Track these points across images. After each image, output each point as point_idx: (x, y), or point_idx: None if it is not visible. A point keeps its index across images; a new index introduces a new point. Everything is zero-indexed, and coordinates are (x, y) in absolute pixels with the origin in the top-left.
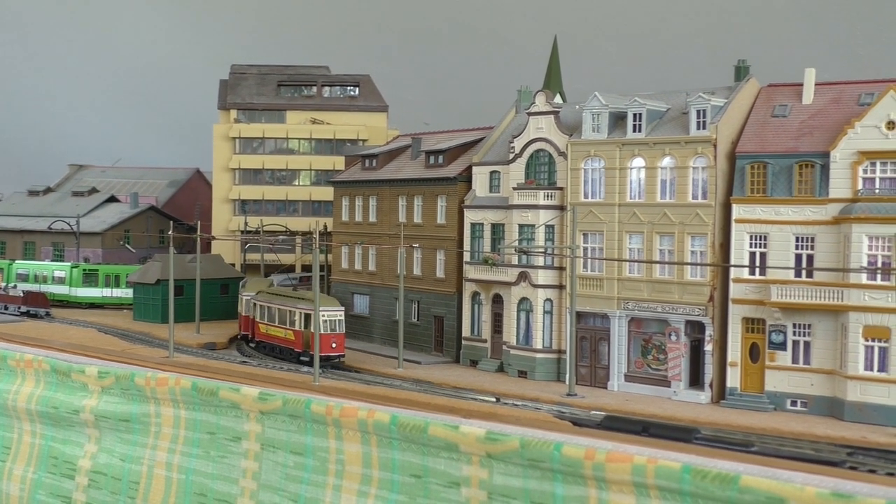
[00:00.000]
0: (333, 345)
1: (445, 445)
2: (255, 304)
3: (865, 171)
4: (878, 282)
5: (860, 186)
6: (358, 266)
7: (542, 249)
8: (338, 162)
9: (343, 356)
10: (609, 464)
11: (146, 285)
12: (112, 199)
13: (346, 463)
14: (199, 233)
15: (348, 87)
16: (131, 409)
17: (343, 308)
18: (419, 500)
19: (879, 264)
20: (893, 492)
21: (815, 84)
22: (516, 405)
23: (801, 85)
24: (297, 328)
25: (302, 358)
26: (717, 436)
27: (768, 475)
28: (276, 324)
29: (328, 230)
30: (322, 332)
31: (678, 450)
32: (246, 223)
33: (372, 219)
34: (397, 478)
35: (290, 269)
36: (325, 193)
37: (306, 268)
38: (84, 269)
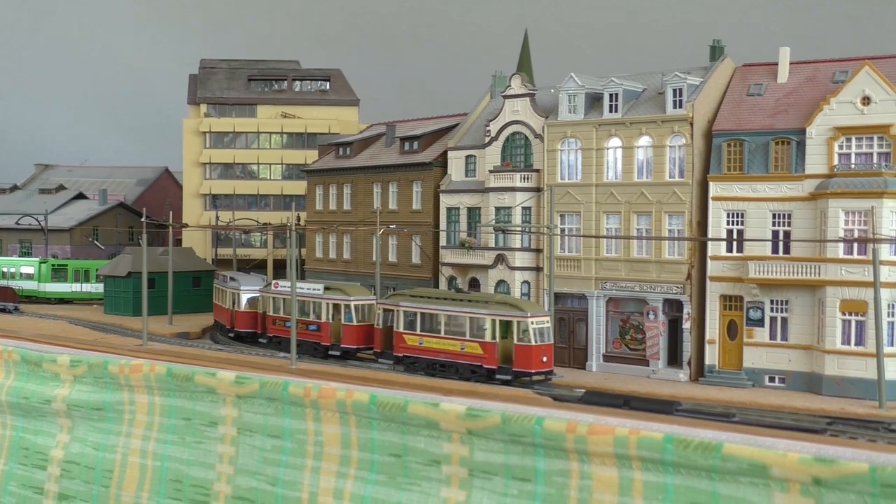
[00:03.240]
0: (544, 358)
1: (425, 423)
2: (400, 312)
3: (841, 147)
4: (855, 256)
5: (836, 162)
6: (332, 255)
7: (518, 228)
8: (310, 156)
9: (552, 372)
10: (591, 436)
11: (117, 278)
12: (80, 197)
13: (325, 444)
14: (171, 222)
15: (319, 82)
16: (105, 398)
17: (549, 314)
18: (399, 480)
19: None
20: (876, 455)
21: (790, 63)
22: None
23: (776, 64)
24: (486, 340)
25: (499, 376)
26: (698, 408)
27: (750, 443)
28: (446, 335)
29: (300, 221)
30: (532, 342)
31: (660, 421)
32: (217, 218)
33: (346, 207)
34: (377, 458)
35: (262, 263)
36: (297, 187)
37: (279, 263)
38: (53, 265)
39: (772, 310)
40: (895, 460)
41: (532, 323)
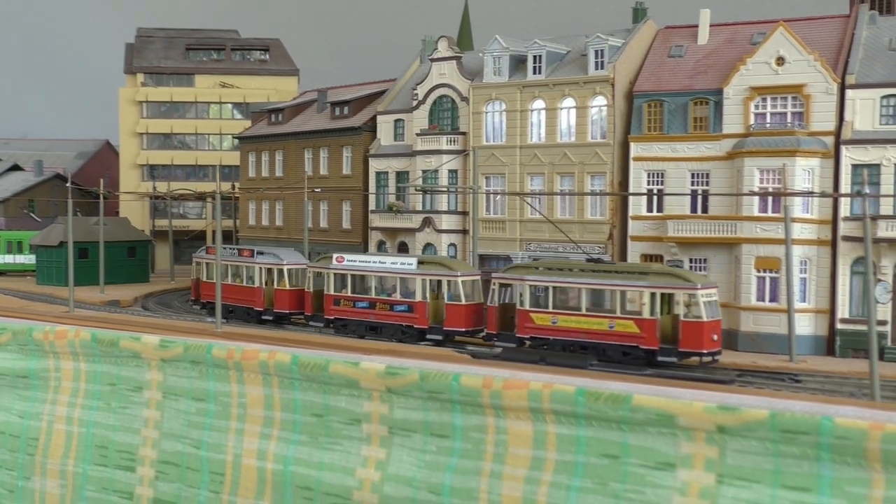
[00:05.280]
0: (714, 336)
1: (346, 382)
2: (525, 287)
3: (757, 107)
4: (769, 214)
5: (752, 121)
6: (265, 222)
7: (440, 189)
8: (249, 126)
9: (720, 352)
10: (506, 391)
11: (49, 248)
12: (15, 168)
13: (248, 406)
14: (101, 190)
15: (258, 51)
16: (29, 365)
17: (716, 285)
18: (321, 440)
19: (770, 199)
20: (775, 402)
21: (710, 25)
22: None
23: (697, 26)
24: (644, 316)
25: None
26: (613, 363)
27: (658, 393)
28: (589, 312)
29: (236, 189)
30: (703, 318)
31: (573, 374)
32: (154, 188)
33: (278, 173)
34: (299, 418)
35: (200, 235)
36: (237, 158)
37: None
38: None
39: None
40: (793, 406)
41: (702, 295)
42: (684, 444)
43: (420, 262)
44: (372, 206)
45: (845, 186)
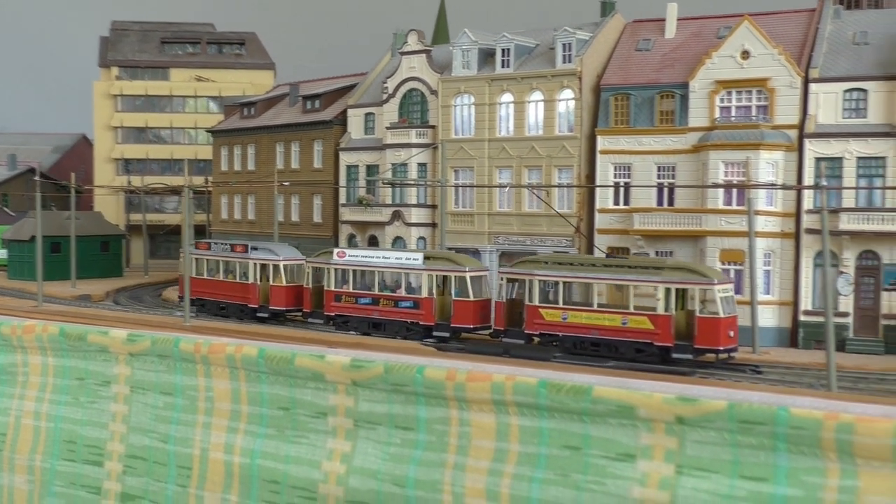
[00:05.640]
0: (731, 332)
1: (312, 376)
2: (534, 282)
3: (722, 100)
4: (734, 207)
5: (717, 115)
6: (238, 216)
7: (411, 182)
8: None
9: (736, 349)
10: (469, 383)
11: (20, 242)
12: None
13: (216, 400)
14: (73, 184)
15: (234, 45)
16: None
17: (734, 280)
18: (287, 433)
19: (734, 192)
20: (733, 393)
21: (678, 19)
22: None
23: (664, 20)
24: (658, 312)
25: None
26: (577, 355)
27: (619, 385)
28: (601, 308)
29: (209, 183)
30: (720, 314)
31: (536, 367)
32: (129, 182)
33: (250, 167)
34: (266, 411)
35: (176, 229)
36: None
37: (198, 227)
38: None
39: None
40: (751, 397)
41: (718, 291)
42: (644, 435)
43: (426, 258)
44: (342, 199)
45: (808, 179)
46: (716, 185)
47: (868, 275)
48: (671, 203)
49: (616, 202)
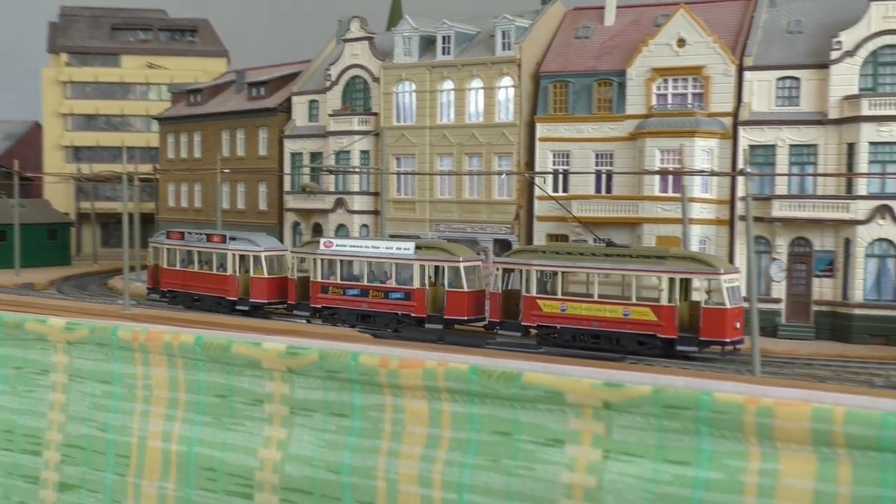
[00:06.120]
0: (737, 324)
1: (248, 363)
2: (531, 272)
3: (658, 88)
4: (669, 194)
5: (654, 102)
6: (185, 203)
7: (351, 169)
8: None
9: (742, 340)
10: (402, 370)
11: None
12: None
13: (154, 388)
14: (16, 171)
15: (186, 32)
16: None
17: (738, 270)
18: (224, 420)
19: (670, 179)
20: (659, 378)
21: (617, 7)
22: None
23: (604, 8)
24: (662, 303)
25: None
26: (508, 341)
27: (548, 371)
28: (602, 299)
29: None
30: (726, 305)
31: (467, 353)
32: (79, 170)
33: (197, 154)
34: (203, 399)
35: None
36: None
37: (146, 216)
38: None
39: None
40: (676, 382)
41: (725, 281)
42: (573, 420)
43: (418, 247)
44: (287, 187)
45: (748, 167)
46: (645, 172)
47: (800, 261)
48: (609, 190)
49: (555, 189)
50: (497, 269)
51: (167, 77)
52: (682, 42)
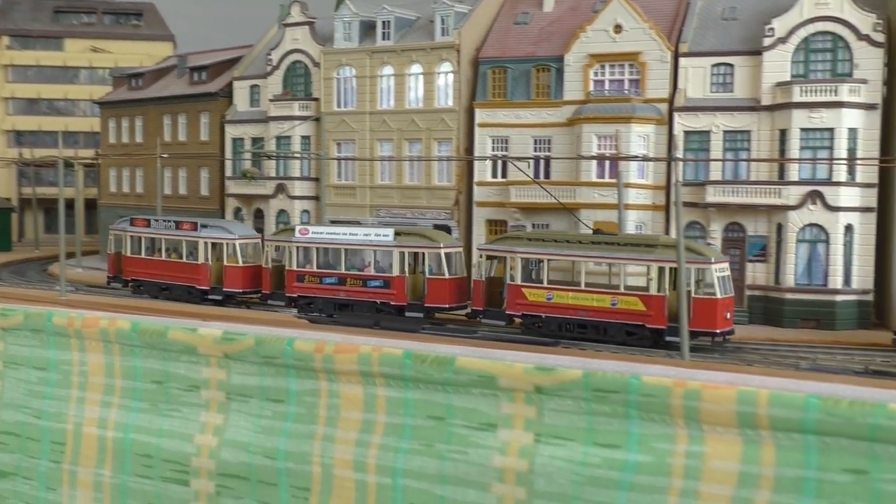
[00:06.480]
0: (727, 314)
1: (185, 349)
2: (517, 260)
3: (596, 74)
4: (606, 179)
5: (591, 88)
6: (126, 189)
7: (293, 154)
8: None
9: (732, 331)
10: (337, 355)
11: None
12: None
13: (90, 374)
14: None
15: (131, 16)
16: None
17: (728, 258)
18: (161, 406)
19: (607, 165)
20: (589, 362)
21: None
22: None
23: None
24: (651, 293)
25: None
26: (446, 326)
27: (481, 355)
28: (589, 288)
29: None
30: (717, 295)
31: (402, 338)
32: (21, 155)
33: (139, 139)
34: (139, 385)
35: (70, 202)
36: None
37: (90, 201)
38: None
39: None
40: (605, 366)
41: (716, 270)
42: (505, 404)
43: (398, 234)
44: (228, 172)
45: (678, 153)
46: (579, 157)
47: (734, 246)
48: (547, 176)
49: (494, 175)
50: (481, 256)
51: (112, 61)
52: (618, 28)
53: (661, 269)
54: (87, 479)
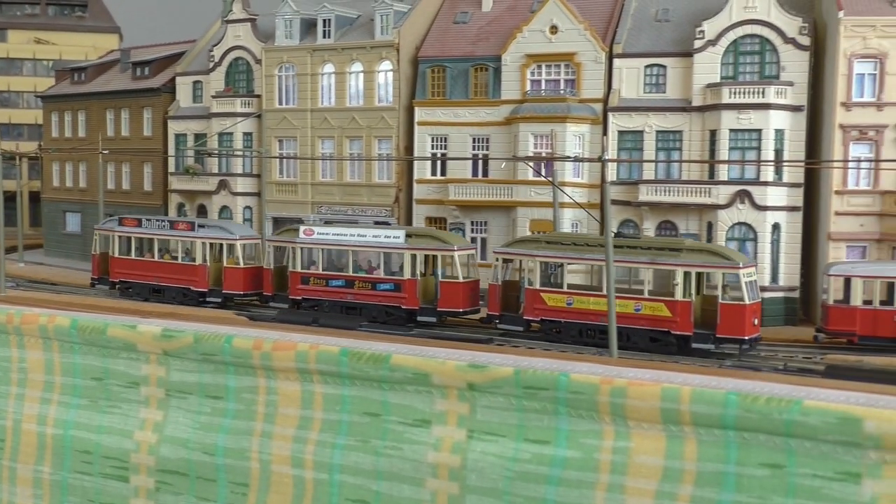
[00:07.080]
0: (755, 320)
1: (124, 346)
2: (536, 263)
3: (533, 74)
4: (542, 178)
5: (528, 88)
6: (69, 183)
7: (235, 151)
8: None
9: (759, 338)
10: (275, 352)
11: None
12: None
13: (29, 371)
14: None
15: (75, 7)
16: None
17: (755, 263)
18: (101, 403)
19: (543, 163)
20: (520, 360)
21: None
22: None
23: None
24: (676, 298)
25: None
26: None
27: (416, 353)
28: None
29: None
30: (745, 301)
31: (339, 336)
32: None
33: (82, 134)
34: (79, 382)
35: (12, 196)
36: None
37: (35, 194)
38: None
39: (472, 230)
40: (536, 364)
41: (743, 275)
42: (439, 401)
43: (409, 235)
44: (171, 168)
45: (612, 152)
46: (514, 159)
47: None
48: (485, 174)
49: (433, 173)
50: (497, 260)
51: (56, 53)
52: (554, 29)
53: (686, 274)
54: (26, 475)
